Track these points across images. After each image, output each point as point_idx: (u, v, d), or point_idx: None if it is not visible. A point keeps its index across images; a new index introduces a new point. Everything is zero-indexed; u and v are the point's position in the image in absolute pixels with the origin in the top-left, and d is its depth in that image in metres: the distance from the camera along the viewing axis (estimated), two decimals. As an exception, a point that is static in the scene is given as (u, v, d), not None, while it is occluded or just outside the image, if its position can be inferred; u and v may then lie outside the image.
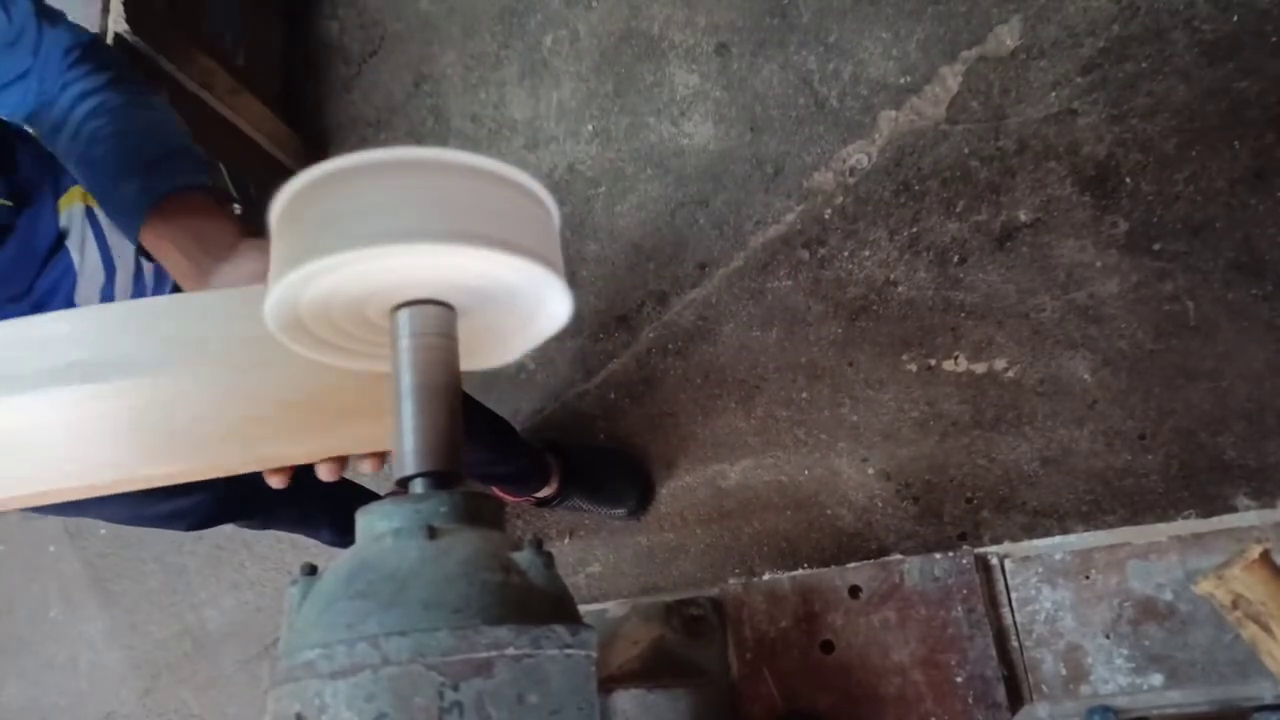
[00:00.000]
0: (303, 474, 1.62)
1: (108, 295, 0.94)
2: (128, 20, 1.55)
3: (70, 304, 0.92)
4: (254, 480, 1.39)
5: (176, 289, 1.01)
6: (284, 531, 1.51)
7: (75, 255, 0.92)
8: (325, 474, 0.64)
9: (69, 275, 0.92)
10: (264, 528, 1.46)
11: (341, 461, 0.64)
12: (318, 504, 1.47)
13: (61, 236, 0.91)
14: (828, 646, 0.81)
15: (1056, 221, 1.60)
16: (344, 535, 1.55)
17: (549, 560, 0.43)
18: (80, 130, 0.79)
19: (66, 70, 0.80)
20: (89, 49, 0.82)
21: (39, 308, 0.89)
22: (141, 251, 0.76)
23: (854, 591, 0.82)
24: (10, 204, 0.87)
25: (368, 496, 1.58)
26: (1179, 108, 1.56)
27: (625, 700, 0.73)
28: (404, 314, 0.47)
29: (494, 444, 1.45)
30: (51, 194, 0.91)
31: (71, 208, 0.92)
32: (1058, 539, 0.81)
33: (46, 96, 0.80)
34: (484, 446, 1.43)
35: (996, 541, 1.44)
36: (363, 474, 0.65)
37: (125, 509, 1.17)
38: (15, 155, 0.89)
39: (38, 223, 0.89)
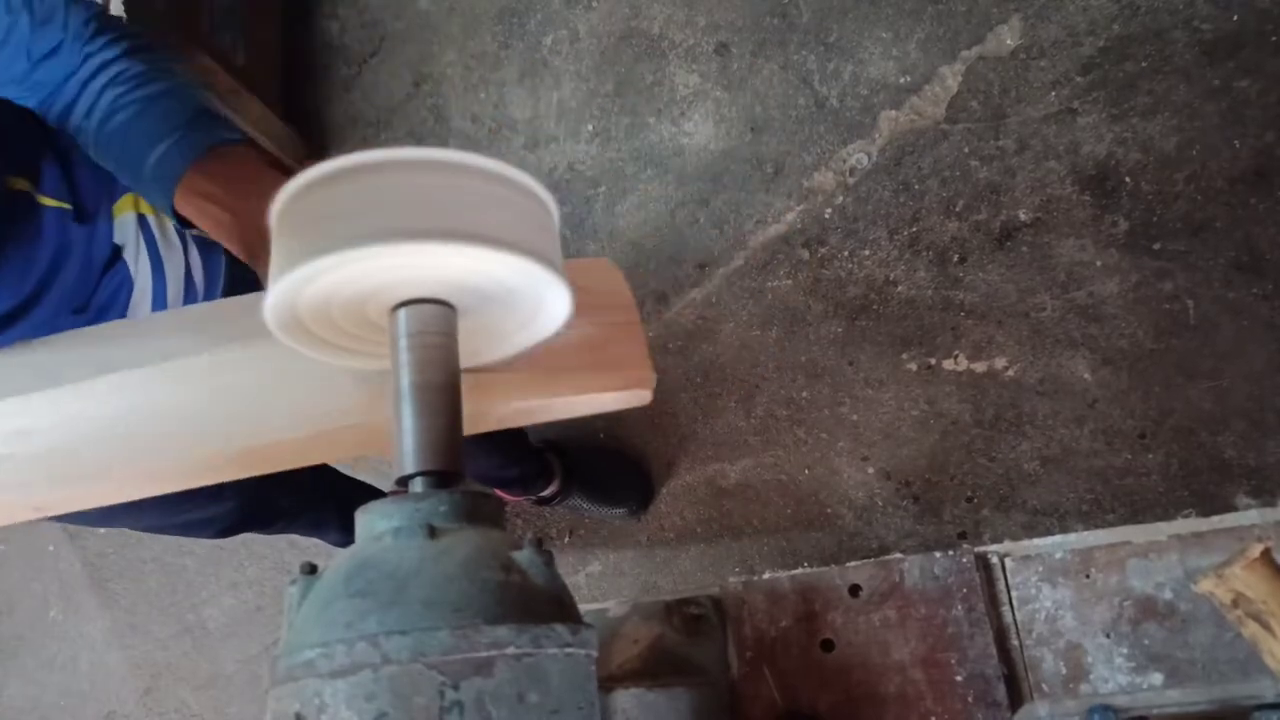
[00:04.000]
0: (316, 479, 1.60)
1: (159, 305, 0.92)
2: (127, 19, 1.56)
3: (125, 315, 0.90)
4: (275, 488, 1.38)
5: (227, 291, 1.00)
6: (295, 534, 1.51)
7: (131, 266, 0.89)
8: None
9: (125, 286, 0.90)
10: (279, 533, 1.46)
11: None
12: (330, 506, 1.47)
13: (118, 251, 0.89)
14: (828, 645, 0.81)
15: (1056, 221, 1.60)
16: (350, 534, 1.54)
17: (549, 559, 0.43)
18: (98, 102, 0.75)
19: (87, 42, 0.77)
20: (102, 18, 0.80)
21: (97, 320, 0.87)
22: (180, 220, 0.72)
23: (854, 590, 0.82)
24: (68, 206, 0.84)
25: (375, 496, 1.57)
26: (1179, 107, 1.56)
27: (625, 699, 0.73)
28: (403, 313, 0.47)
29: (506, 448, 1.45)
30: (106, 203, 0.89)
31: (124, 217, 0.90)
32: (1058, 538, 0.81)
33: (69, 71, 0.77)
34: (497, 451, 1.43)
35: (997, 540, 1.44)
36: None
37: (156, 516, 1.16)
38: (72, 163, 0.86)
39: (95, 235, 0.87)
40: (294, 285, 0.43)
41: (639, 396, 0.67)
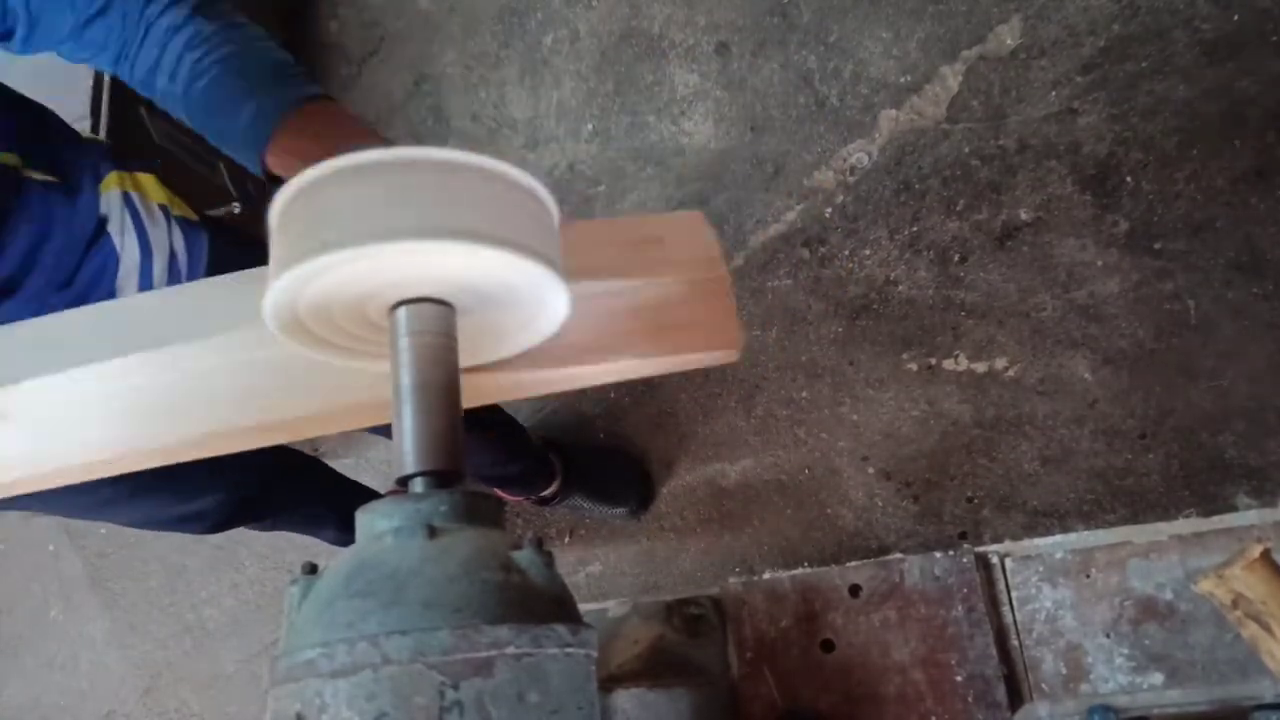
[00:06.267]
0: (306, 473, 1.60)
1: (145, 282, 0.92)
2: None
3: (112, 291, 0.89)
4: (266, 481, 1.38)
5: (211, 272, 1.00)
6: (290, 531, 1.51)
7: (117, 241, 0.89)
8: None
9: (111, 262, 0.89)
10: (273, 529, 1.46)
11: None
12: (324, 503, 1.47)
13: (102, 223, 0.88)
14: (828, 645, 0.81)
15: (1057, 220, 1.60)
16: (348, 533, 1.54)
17: (549, 559, 0.43)
18: (179, 67, 0.75)
19: (147, 4, 0.76)
20: None
21: (83, 296, 0.87)
22: (270, 178, 0.71)
23: (854, 590, 0.82)
24: (54, 179, 0.83)
25: (371, 495, 1.57)
26: (1179, 107, 1.56)
27: (625, 699, 0.73)
28: (403, 312, 0.47)
29: (505, 444, 1.45)
30: (92, 180, 0.89)
31: (110, 193, 0.89)
32: (1058, 538, 0.81)
33: (130, 35, 0.77)
34: (496, 447, 1.43)
35: (997, 540, 1.44)
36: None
37: (144, 512, 1.16)
38: (48, 133, 0.86)
39: (78, 210, 0.86)
40: (293, 284, 0.43)
41: (725, 355, 0.66)
